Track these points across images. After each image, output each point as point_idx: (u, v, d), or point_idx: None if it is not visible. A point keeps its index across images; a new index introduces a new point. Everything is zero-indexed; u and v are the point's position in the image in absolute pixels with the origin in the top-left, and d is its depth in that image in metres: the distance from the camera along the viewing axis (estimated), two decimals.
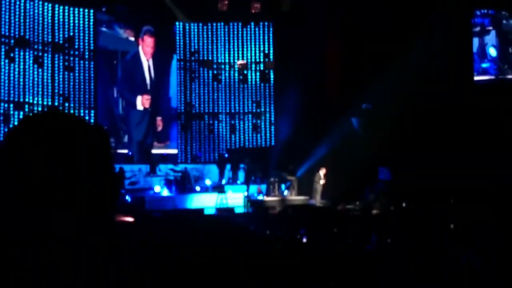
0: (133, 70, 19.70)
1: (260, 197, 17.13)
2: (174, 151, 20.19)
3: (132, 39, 19.97)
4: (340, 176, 16.73)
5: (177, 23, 20.41)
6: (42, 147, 0.96)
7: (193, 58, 20.54)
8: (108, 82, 19.64)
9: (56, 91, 17.84)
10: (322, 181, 17.10)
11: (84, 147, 1.00)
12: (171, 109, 20.99)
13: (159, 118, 20.32)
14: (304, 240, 8.34)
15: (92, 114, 18.55)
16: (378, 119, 17.17)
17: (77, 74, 18.36)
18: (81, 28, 18.49)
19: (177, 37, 20.47)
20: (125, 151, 18.80)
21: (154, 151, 19.44)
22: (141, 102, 19.96)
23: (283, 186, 17.66)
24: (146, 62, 19.93)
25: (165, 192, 16.18)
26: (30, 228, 0.94)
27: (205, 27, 20.62)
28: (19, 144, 0.97)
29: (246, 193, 17.13)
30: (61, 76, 18.01)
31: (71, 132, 1.00)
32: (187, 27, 20.53)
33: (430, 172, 15.22)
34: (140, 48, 19.76)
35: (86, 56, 18.56)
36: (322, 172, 17.21)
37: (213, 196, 16.06)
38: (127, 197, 15.12)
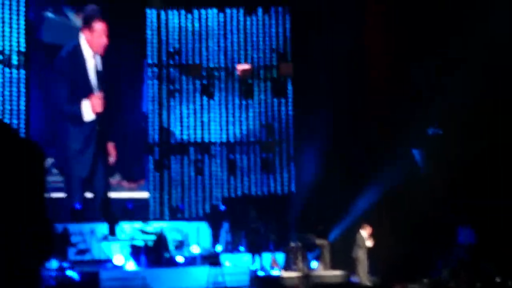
0: (72, 70, 19.16)
1: (275, 272, 16.79)
2: (144, 194, 19.75)
3: None
4: (396, 239, 16.40)
5: (147, 10, 20.44)
6: None
7: (171, 62, 20.53)
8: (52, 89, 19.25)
9: None
10: (368, 244, 16.71)
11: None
12: (140, 134, 20.56)
13: (111, 144, 19.81)
14: None
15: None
16: (454, 150, 16.89)
17: (0, 89, 18.27)
18: (7, 21, 18.47)
19: (148, 31, 20.50)
20: (61, 194, 18.34)
21: (114, 194, 19.01)
22: (91, 106, 19.06)
23: (309, 255, 17.27)
24: (92, 60, 19.25)
25: (131, 265, 16.00)
26: None
27: (189, 15, 20.66)
28: None
29: (253, 266, 16.76)
30: None
31: None
32: (163, 16, 20.56)
33: None
34: (82, 37, 19.15)
35: (15, 63, 18.48)
36: (366, 231, 16.85)
37: (204, 271, 15.77)
38: (73, 274, 14.88)
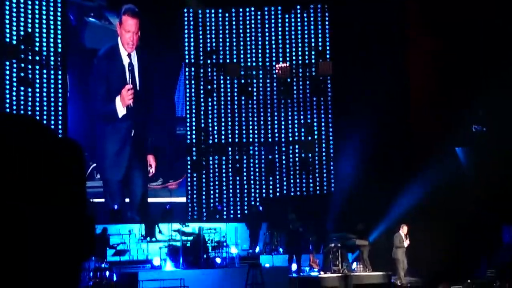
0: (108, 69, 19.33)
1: (314, 273, 16.64)
2: (181, 199, 19.84)
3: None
4: (438, 239, 16.18)
5: (185, 10, 20.42)
6: None
7: (208, 62, 20.43)
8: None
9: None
10: (406, 243, 16.52)
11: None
12: (176, 136, 20.72)
13: (150, 156, 19.87)
14: None
15: None
16: (498, 148, 16.63)
17: (37, 90, 18.42)
18: (44, 23, 18.64)
19: (185, 31, 20.46)
20: (101, 200, 18.51)
21: (152, 199, 19.17)
22: (121, 99, 19.05)
23: (350, 256, 17.12)
24: (127, 58, 19.46)
25: (169, 266, 15.98)
26: None
27: (226, 14, 20.54)
28: None
29: (292, 267, 16.65)
30: (14, 92, 18.10)
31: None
32: (200, 16, 20.50)
33: None
34: (119, 38, 19.40)
35: (52, 64, 18.62)
36: (403, 231, 16.64)
37: (242, 272, 15.67)
38: (112, 275, 14.92)
